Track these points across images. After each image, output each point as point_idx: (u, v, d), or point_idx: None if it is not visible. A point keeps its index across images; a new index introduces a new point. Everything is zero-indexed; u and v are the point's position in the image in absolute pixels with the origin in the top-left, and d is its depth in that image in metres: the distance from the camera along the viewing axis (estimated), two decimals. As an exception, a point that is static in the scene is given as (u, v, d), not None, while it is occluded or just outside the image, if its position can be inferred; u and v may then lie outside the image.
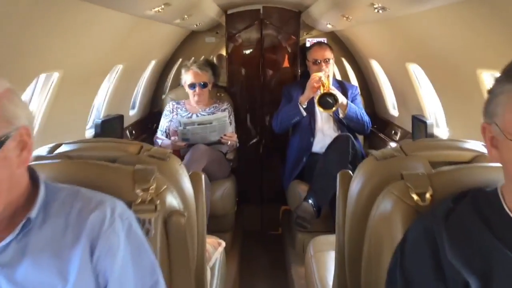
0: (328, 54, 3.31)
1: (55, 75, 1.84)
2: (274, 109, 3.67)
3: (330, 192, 2.85)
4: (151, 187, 1.20)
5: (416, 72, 2.70)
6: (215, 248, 1.99)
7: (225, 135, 3.19)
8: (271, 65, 4.01)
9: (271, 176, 4.03)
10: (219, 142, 3.22)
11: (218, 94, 3.72)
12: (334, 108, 3.00)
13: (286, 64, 4.02)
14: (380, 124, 3.65)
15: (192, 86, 3.35)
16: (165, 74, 4.11)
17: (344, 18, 2.62)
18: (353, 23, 2.66)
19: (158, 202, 1.19)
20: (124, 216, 1.07)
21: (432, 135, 2.62)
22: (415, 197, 1.15)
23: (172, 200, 1.26)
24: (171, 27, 3.05)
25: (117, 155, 1.42)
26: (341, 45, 3.98)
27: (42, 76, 1.84)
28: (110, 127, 2.65)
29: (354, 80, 4.05)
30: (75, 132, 2.29)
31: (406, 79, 2.80)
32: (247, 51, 4.01)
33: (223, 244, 2.06)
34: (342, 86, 3.44)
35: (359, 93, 3.47)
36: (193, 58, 4.10)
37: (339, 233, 1.57)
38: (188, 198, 1.45)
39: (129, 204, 1.16)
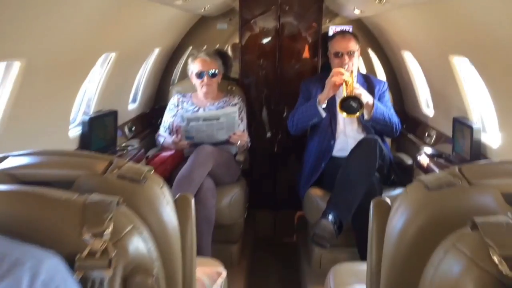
0: (353, 45, 2.90)
1: (16, 65, 1.49)
2: (291, 105, 3.29)
3: (353, 205, 2.47)
4: (105, 231, 0.82)
5: (461, 66, 2.26)
6: (213, 280, 1.63)
7: (234, 133, 2.82)
8: (289, 55, 3.60)
9: (286, 179, 3.67)
10: (227, 142, 2.85)
11: (229, 87, 3.35)
12: (358, 113, 2.60)
13: (306, 55, 3.61)
14: (410, 124, 3.22)
15: (199, 75, 2.99)
16: (173, 64, 3.74)
17: (376, 1, 2.19)
18: (387, 7, 2.23)
19: (115, 253, 0.81)
20: (53, 285, 0.70)
21: (478, 142, 2.19)
22: (499, 262, 0.75)
23: (139, 247, 0.88)
24: (176, 10, 2.67)
25: (76, 174, 1.05)
26: (368, 34, 3.54)
27: (2, 65, 1.48)
28: (100, 124, 2.30)
29: (381, 74, 3.62)
30: (55, 132, 1.94)
31: (447, 74, 2.37)
32: (263, 40, 3.61)
33: (224, 274, 1.69)
34: (368, 81, 3.02)
35: (388, 89, 3.04)
36: (205, 46, 3.75)
37: (372, 283, 1.19)
38: (170, 233, 1.08)
39: (73, 257, 0.80)
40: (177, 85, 3.41)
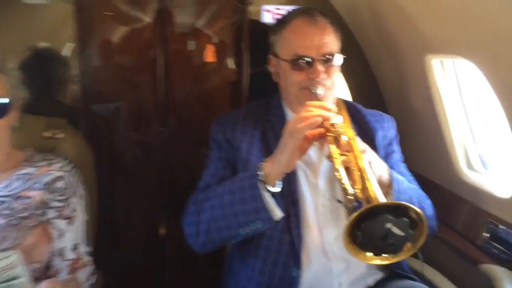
0: (332, 41, 1.29)
1: None
2: (192, 160, 1.78)
3: None
4: None
5: None
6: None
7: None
8: (184, 62, 1.87)
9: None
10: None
11: (45, 135, 1.48)
12: (402, 256, 0.96)
13: (217, 60, 1.88)
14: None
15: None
16: None
17: None
18: None
19: None
20: None
21: None
22: None
23: None
24: None
25: None
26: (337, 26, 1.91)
27: None
28: None
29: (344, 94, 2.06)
30: None
31: None
32: (129, 35, 1.81)
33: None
34: (358, 119, 1.43)
35: (398, 136, 1.43)
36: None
37: None
38: None
39: None
40: None
